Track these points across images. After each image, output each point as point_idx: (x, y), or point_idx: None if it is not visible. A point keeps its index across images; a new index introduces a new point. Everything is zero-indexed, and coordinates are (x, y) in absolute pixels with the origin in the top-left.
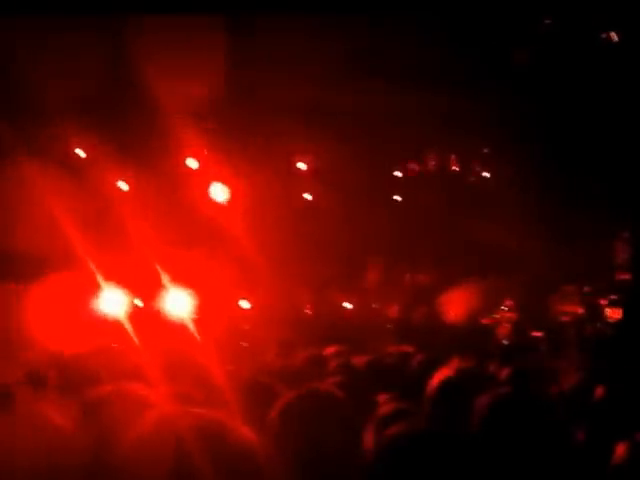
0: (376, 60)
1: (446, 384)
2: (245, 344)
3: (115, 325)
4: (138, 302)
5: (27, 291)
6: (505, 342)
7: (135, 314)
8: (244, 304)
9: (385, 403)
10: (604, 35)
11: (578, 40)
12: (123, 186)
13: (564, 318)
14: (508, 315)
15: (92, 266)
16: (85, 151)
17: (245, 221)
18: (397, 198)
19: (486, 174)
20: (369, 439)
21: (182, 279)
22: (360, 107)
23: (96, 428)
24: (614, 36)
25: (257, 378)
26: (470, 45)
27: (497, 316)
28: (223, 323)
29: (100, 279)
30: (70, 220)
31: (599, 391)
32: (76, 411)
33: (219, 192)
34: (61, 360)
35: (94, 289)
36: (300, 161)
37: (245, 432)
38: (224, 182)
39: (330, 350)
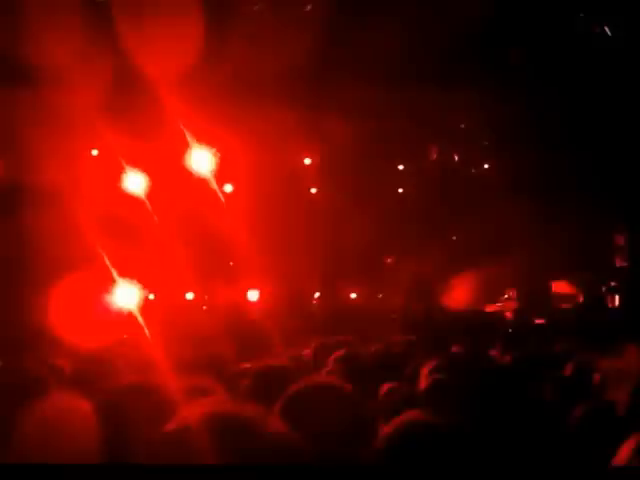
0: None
1: (440, 374)
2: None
3: (129, 318)
4: (150, 295)
5: (43, 287)
6: (508, 329)
7: (148, 307)
8: (253, 296)
9: (389, 392)
10: (598, 29)
11: (572, 36)
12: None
13: (564, 305)
14: (510, 303)
15: (106, 260)
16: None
17: (252, 214)
18: (399, 191)
19: (486, 165)
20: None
21: (191, 272)
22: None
23: (114, 421)
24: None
25: (267, 369)
26: (469, 42)
27: (500, 304)
28: (231, 314)
29: (114, 273)
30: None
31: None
32: (94, 403)
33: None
34: (77, 354)
35: (108, 283)
36: (306, 156)
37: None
38: (231, 175)
39: (336, 340)
